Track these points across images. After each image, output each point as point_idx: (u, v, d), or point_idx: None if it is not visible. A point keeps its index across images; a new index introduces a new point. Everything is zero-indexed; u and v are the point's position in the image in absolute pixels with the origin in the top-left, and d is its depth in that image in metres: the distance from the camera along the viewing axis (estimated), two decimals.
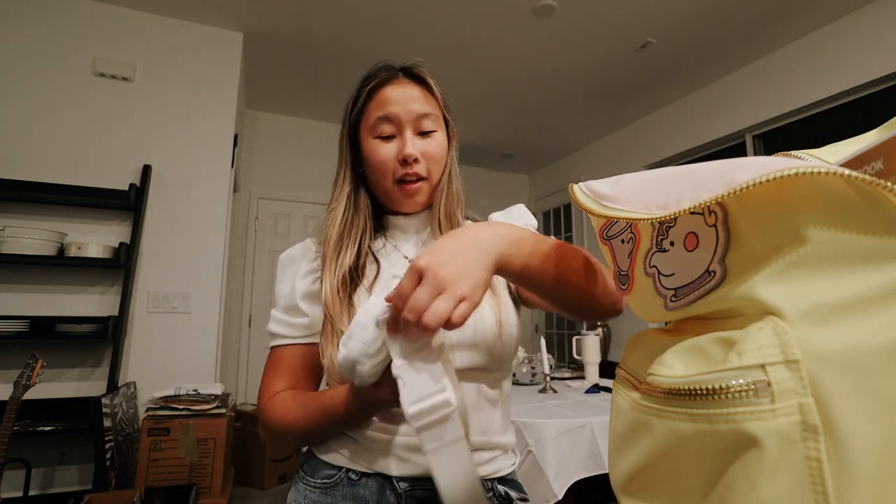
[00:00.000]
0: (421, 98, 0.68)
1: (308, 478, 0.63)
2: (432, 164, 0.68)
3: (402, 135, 0.67)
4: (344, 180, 0.71)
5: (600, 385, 2.13)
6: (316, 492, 0.61)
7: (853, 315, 0.22)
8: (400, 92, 0.67)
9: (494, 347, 0.62)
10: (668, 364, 0.27)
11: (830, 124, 2.71)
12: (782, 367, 0.22)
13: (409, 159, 0.66)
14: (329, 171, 0.77)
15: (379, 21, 2.64)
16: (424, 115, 0.67)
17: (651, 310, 0.33)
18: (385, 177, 0.67)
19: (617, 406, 0.33)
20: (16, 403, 1.64)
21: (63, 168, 2.29)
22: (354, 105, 0.71)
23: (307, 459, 0.65)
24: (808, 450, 0.21)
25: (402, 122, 0.66)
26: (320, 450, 0.63)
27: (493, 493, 0.61)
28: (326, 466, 0.61)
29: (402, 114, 0.66)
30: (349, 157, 0.72)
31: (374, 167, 0.67)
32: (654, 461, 0.27)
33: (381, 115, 0.66)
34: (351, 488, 0.59)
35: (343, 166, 0.72)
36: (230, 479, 2.41)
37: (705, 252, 0.28)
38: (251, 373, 3.55)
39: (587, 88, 3.44)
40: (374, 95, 0.68)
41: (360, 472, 0.59)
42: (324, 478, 0.61)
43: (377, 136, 0.67)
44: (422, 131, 0.68)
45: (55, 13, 2.39)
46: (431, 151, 0.68)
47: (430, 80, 0.70)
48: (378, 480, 0.59)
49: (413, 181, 0.67)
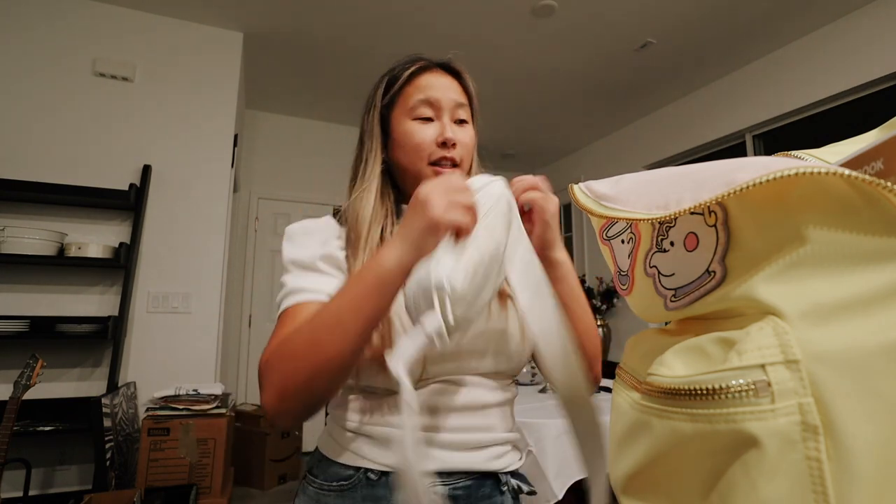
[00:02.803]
0: (458, 90, 0.70)
1: (320, 481, 0.61)
2: (465, 153, 0.69)
3: (440, 119, 0.68)
4: (374, 161, 0.70)
5: (600, 385, 2.13)
6: (331, 495, 0.59)
7: (853, 315, 0.22)
8: (440, 80, 0.69)
9: (515, 353, 0.64)
10: (669, 364, 0.27)
11: (830, 124, 2.71)
12: (782, 367, 0.22)
13: (450, 143, 0.66)
14: (329, 171, 0.77)
15: (379, 21, 2.64)
16: (461, 104, 0.69)
17: (651, 310, 0.33)
18: (420, 158, 0.67)
19: (617, 406, 0.33)
20: (16, 403, 1.64)
21: (63, 168, 2.29)
22: (390, 87, 0.71)
23: (317, 462, 0.63)
24: (808, 450, 0.21)
25: (442, 107, 0.67)
26: (333, 452, 0.61)
27: (508, 486, 0.63)
28: (341, 468, 0.59)
29: (443, 99, 0.67)
30: (380, 139, 0.71)
31: (411, 148, 0.67)
32: (655, 461, 0.27)
33: (423, 97, 0.67)
34: (370, 489, 0.58)
35: (372, 148, 0.70)
36: (230, 479, 2.41)
37: (705, 252, 0.28)
38: (251, 373, 3.55)
39: (587, 88, 3.44)
40: (414, 79, 0.69)
41: (380, 471, 0.58)
42: (339, 480, 0.59)
43: (416, 118, 0.68)
44: (457, 119, 0.69)
45: (55, 13, 2.39)
46: (466, 140, 0.69)
47: (465, 76, 0.72)
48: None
49: (448, 166, 0.67)
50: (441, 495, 0.58)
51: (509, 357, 0.64)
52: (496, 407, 0.64)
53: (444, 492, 0.58)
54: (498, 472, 0.62)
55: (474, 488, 0.60)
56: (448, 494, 0.58)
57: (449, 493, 0.58)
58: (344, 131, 4.02)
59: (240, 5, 2.52)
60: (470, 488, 0.59)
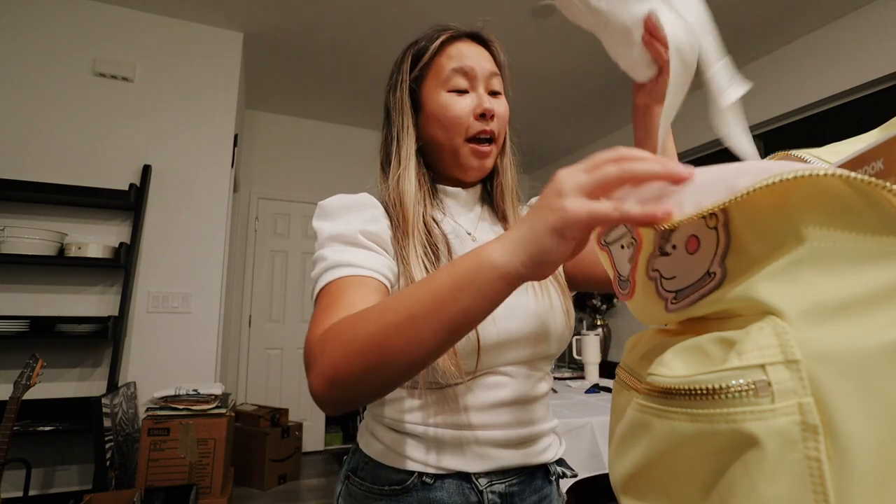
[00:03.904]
0: (490, 59, 0.66)
1: (368, 484, 0.59)
2: (502, 126, 0.65)
3: (475, 90, 0.64)
4: (408, 138, 0.65)
5: (600, 385, 2.13)
6: (383, 499, 0.57)
7: (853, 315, 0.22)
8: (472, 49, 0.65)
9: (560, 334, 0.63)
10: (668, 364, 0.27)
11: (830, 124, 2.71)
12: (782, 367, 0.22)
13: (489, 114, 0.62)
14: (329, 171, 0.76)
15: (379, 21, 2.64)
16: (494, 74, 0.65)
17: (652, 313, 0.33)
18: (458, 133, 0.63)
19: (617, 406, 0.33)
20: (16, 403, 1.64)
21: (63, 168, 2.29)
22: (418, 59, 0.66)
23: (362, 464, 0.61)
24: (807, 450, 0.21)
25: (478, 77, 0.64)
26: (381, 455, 0.59)
27: (554, 474, 0.64)
28: (393, 472, 0.58)
29: (478, 69, 0.64)
30: (412, 115, 0.66)
31: (447, 122, 0.63)
32: (654, 461, 0.27)
33: (457, 67, 0.63)
34: (426, 492, 0.56)
35: (404, 125, 0.65)
36: (230, 479, 2.41)
37: (706, 254, 0.28)
38: (251, 373, 3.55)
39: (587, 88, 3.44)
40: (445, 48, 0.65)
41: (436, 474, 0.57)
42: (392, 483, 0.57)
43: (451, 90, 0.63)
44: (491, 91, 0.65)
45: (55, 13, 2.39)
46: (501, 112, 0.65)
47: (496, 45, 0.68)
48: (456, 481, 0.57)
49: (486, 141, 0.64)
50: (497, 493, 0.58)
51: (557, 339, 0.63)
52: (541, 398, 0.64)
53: (501, 489, 0.58)
54: (547, 464, 0.63)
55: (527, 482, 0.61)
56: (504, 492, 0.59)
57: (504, 490, 0.59)
58: (344, 131, 4.03)
59: (240, 5, 2.52)
60: (524, 483, 0.60)
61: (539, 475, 0.62)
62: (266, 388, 3.56)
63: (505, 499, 0.58)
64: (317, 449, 3.67)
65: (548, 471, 0.63)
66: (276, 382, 3.61)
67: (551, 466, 0.64)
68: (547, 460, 0.63)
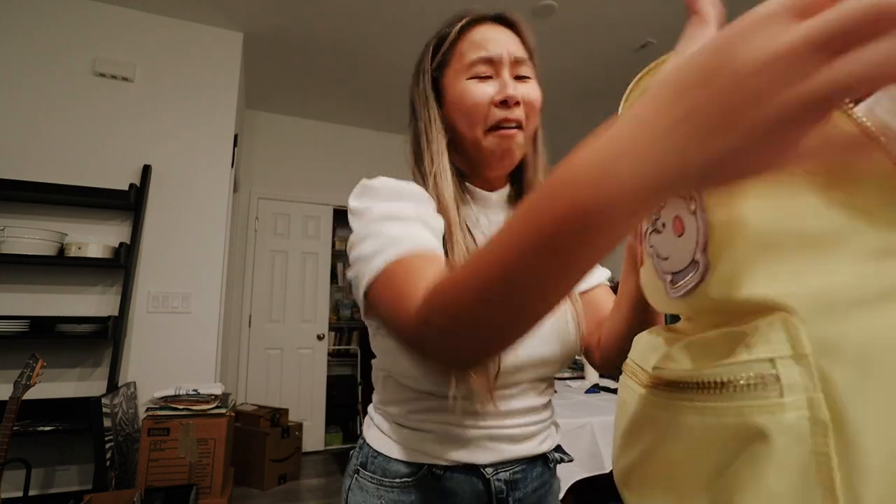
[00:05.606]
0: (517, 43, 0.62)
1: (379, 477, 0.60)
2: (531, 112, 0.61)
3: (500, 76, 0.59)
4: (436, 132, 0.61)
5: (600, 385, 2.13)
6: (394, 491, 0.58)
7: (864, 309, 0.22)
8: (496, 32, 0.61)
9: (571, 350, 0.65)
10: (676, 358, 0.26)
11: None
12: (791, 361, 0.22)
13: (511, 101, 0.58)
14: (329, 171, 0.74)
15: (379, 22, 2.64)
16: (521, 59, 0.61)
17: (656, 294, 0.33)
18: (476, 122, 0.59)
19: (623, 401, 0.33)
20: (16, 403, 1.64)
21: (63, 168, 2.29)
22: (439, 48, 0.63)
23: (371, 459, 0.61)
24: (816, 444, 0.21)
25: (503, 62, 0.59)
26: (390, 449, 0.60)
27: (553, 460, 0.67)
28: (403, 465, 0.59)
29: (504, 53, 0.59)
30: (436, 107, 0.62)
31: (466, 111, 0.59)
32: (660, 454, 0.27)
33: (478, 52, 0.59)
34: (437, 482, 0.58)
35: (430, 118, 0.61)
36: (230, 479, 2.41)
37: (691, 240, 0.27)
38: (251, 373, 3.55)
39: (587, 88, 3.44)
40: (466, 33, 0.61)
41: (445, 466, 0.58)
42: (403, 476, 0.59)
43: (472, 77, 0.59)
44: (518, 76, 0.61)
45: (55, 13, 2.39)
46: (531, 97, 0.60)
47: (523, 27, 0.63)
48: (464, 472, 0.59)
49: (512, 129, 0.59)
50: (503, 481, 0.60)
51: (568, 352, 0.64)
52: (548, 401, 0.67)
53: (506, 476, 0.61)
54: (546, 453, 0.66)
55: (529, 470, 0.63)
56: (508, 479, 0.61)
57: (509, 477, 0.61)
58: (344, 131, 4.02)
59: (240, 5, 2.52)
60: (526, 470, 0.63)
61: (540, 462, 0.65)
62: (266, 388, 3.56)
63: (510, 485, 0.61)
64: (317, 449, 3.67)
65: (547, 458, 0.67)
66: (276, 382, 3.61)
67: (550, 455, 0.67)
68: (546, 450, 0.66)
